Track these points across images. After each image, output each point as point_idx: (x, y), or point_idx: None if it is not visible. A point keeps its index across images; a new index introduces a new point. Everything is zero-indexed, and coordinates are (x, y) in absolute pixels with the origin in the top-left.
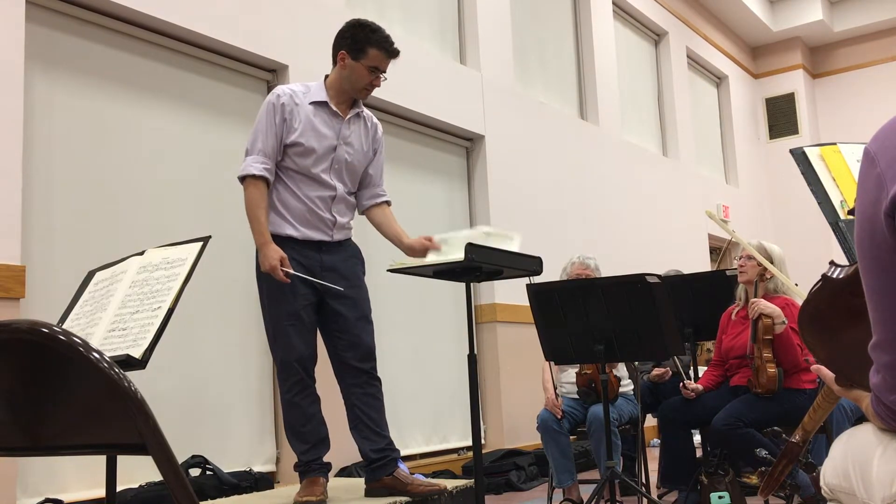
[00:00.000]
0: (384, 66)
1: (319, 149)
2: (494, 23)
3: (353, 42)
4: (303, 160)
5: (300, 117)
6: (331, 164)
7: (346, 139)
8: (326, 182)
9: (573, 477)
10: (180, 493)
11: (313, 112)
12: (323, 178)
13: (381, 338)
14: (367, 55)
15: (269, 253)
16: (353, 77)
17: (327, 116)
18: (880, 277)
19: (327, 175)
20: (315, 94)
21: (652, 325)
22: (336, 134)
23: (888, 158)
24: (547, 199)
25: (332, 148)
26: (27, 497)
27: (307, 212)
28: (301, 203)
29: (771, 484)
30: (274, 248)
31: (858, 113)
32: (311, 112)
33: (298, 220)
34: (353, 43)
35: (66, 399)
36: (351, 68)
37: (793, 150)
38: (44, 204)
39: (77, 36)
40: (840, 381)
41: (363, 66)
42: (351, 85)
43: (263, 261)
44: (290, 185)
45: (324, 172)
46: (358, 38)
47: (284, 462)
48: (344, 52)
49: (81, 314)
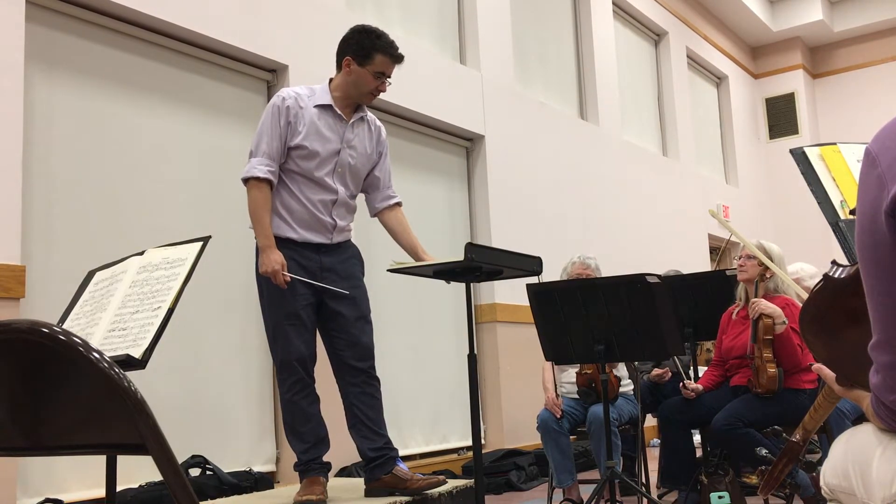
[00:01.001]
0: (390, 71)
1: (323, 152)
2: (494, 23)
3: (359, 48)
4: (306, 163)
5: (305, 120)
6: (334, 168)
7: (350, 143)
8: (329, 185)
9: (573, 477)
10: (180, 493)
11: (318, 115)
12: (326, 181)
13: (381, 338)
14: (373, 61)
15: (272, 257)
16: (360, 82)
17: (332, 120)
18: (880, 277)
19: (330, 178)
20: (320, 98)
21: (652, 325)
22: (340, 137)
23: (889, 158)
24: (547, 199)
25: (335, 151)
26: (27, 497)
27: (307, 214)
28: (302, 206)
29: (771, 483)
30: (276, 252)
31: (858, 113)
32: (315, 115)
33: (298, 222)
34: (359, 49)
35: (66, 399)
36: (357, 74)
37: (793, 150)
38: (44, 204)
39: (77, 36)
40: (841, 381)
41: (369, 72)
42: (357, 90)
43: (264, 264)
44: (291, 187)
45: (327, 176)
46: (364, 44)
47: (284, 462)
48: (350, 57)
49: (81, 314)
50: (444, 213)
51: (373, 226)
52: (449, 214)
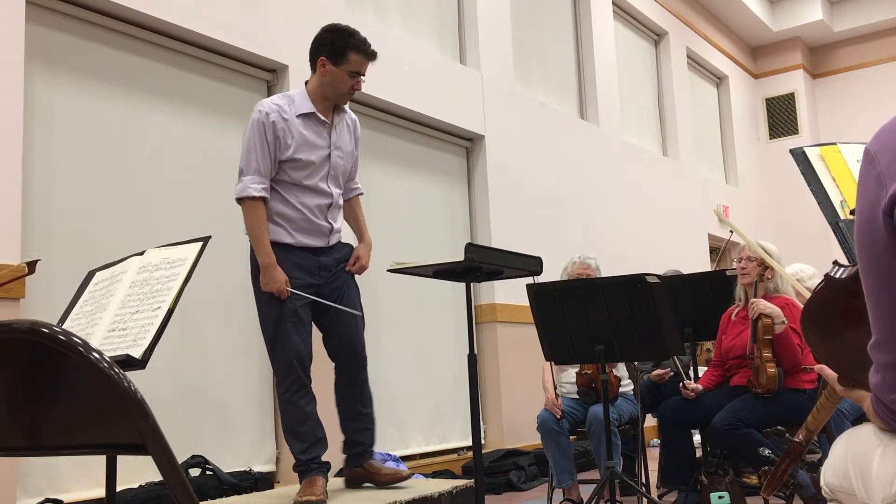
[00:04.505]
0: (364, 69)
1: (316, 160)
2: (494, 23)
3: (333, 48)
4: (298, 173)
5: (292, 133)
6: (327, 172)
7: (336, 144)
8: (324, 190)
9: (573, 477)
10: (180, 493)
11: (303, 125)
12: (320, 186)
13: (381, 338)
14: (347, 60)
15: (275, 275)
16: (335, 82)
17: (317, 126)
18: (879, 276)
19: (324, 183)
20: (301, 106)
21: (652, 325)
22: (327, 142)
23: (888, 158)
24: (547, 199)
25: (326, 157)
26: (27, 497)
27: (305, 221)
28: (299, 213)
29: (773, 483)
30: (278, 270)
31: (858, 113)
32: (300, 125)
33: (295, 228)
34: (332, 49)
35: (66, 399)
36: (332, 74)
37: (793, 150)
38: (44, 204)
39: (77, 36)
40: (843, 381)
41: (344, 72)
42: (333, 91)
43: (267, 283)
44: (286, 195)
45: (321, 181)
46: (337, 43)
47: (284, 462)
48: (324, 58)
49: (81, 314)
50: (444, 213)
51: (373, 226)
52: (449, 214)
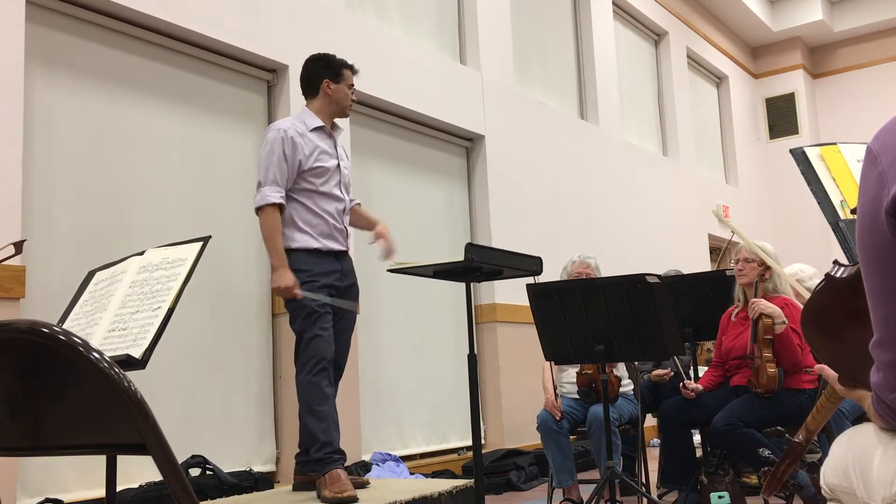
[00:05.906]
0: (353, 81)
1: (331, 168)
2: (494, 23)
3: (331, 70)
4: (319, 179)
5: (310, 144)
6: (340, 179)
7: (340, 155)
8: (339, 196)
9: (573, 477)
10: (180, 493)
11: (317, 137)
12: (335, 192)
13: (381, 338)
14: (343, 76)
15: (287, 276)
16: (340, 98)
17: (327, 139)
18: (881, 276)
19: (338, 189)
20: (312, 122)
21: (652, 325)
22: (335, 153)
23: (890, 157)
24: (547, 199)
25: (337, 166)
26: (27, 497)
27: (326, 226)
28: (321, 219)
29: (774, 483)
30: (289, 272)
31: (858, 113)
32: (316, 137)
33: (319, 233)
34: (330, 70)
35: (66, 399)
36: (336, 91)
37: (793, 150)
38: (44, 204)
39: (77, 36)
40: (843, 380)
41: (344, 87)
42: (339, 106)
43: (277, 282)
44: (307, 203)
45: (335, 188)
46: (333, 64)
47: (284, 462)
48: (327, 80)
49: (81, 314)
50: (444, 213)
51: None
52: (449, 214)
